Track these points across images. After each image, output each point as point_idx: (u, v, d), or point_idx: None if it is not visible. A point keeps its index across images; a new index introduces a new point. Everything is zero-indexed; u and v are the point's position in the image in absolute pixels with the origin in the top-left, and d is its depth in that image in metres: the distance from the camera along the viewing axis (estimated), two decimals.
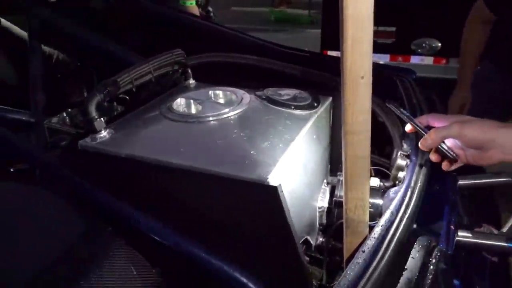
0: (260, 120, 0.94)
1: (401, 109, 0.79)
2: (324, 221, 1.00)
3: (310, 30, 6.36)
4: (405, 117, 0.78)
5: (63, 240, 0.83)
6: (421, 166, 0.82)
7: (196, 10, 2.29)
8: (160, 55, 1.10)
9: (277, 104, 1.00)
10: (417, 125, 0.76)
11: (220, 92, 1.07)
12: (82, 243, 0.84)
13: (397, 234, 0.65)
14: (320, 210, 0.99)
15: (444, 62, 3.12)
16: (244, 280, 0.80)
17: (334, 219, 0.95)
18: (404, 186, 0.77)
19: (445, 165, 0.77)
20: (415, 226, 0.73)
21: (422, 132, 0.75)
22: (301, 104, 1.00)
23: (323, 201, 0.99)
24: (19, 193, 0.92)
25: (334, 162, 1.14)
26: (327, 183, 1.05)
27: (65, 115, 1.16)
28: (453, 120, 0.73)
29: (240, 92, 1.07)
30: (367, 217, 0.70)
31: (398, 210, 0.70)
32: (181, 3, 2.17)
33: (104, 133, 0.91)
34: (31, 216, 0.87)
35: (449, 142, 0.75)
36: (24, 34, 1.59)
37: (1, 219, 0.84)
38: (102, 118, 0.91)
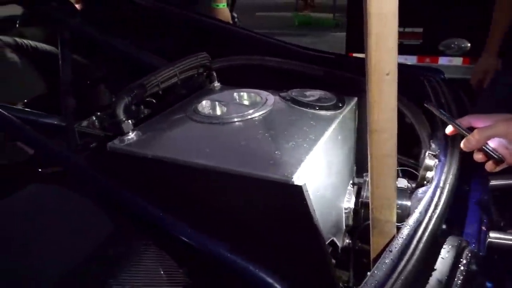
0: (284, 121, 0.94)
1: (441, 110, 0.78)
2: (351, 222, 0.98)
3: (335, 33, 6.32)
4: (445, 118, 0.77)
5: (92, 240, 0.85)
6: (450, 166, 0.80)
7: (227, 13, 2.29)
8: (185, 59, 1.12)
9: (302, 105, 1.00)
10: (459, 126, 0.75)
11: (244, 94, 1.08)
12: (110, 243, 0.86)
13: (426, 234, 0.64)
14: (346, 211, 0.98)
15: (474, 63, 3.04)
16: (270, 280, 0.80)
17: (361, 220, 0.94)
18: (433, 185, 0.75)
19: (489, 166, 0.75)
20: (444, 226, 0.71)
21: (465, 133, 0.74)
22: (325, 104, 1.00)
23: (349, 202, 0.98)
24: (50, 194, 0.95)
25: (360, 163, 1.13)
26: (353, 184, 1.04)
27: (94, 118, 1.19)
28: (497, 119, 0.71)
29: (264, 93, 1.07)
30: (394, 217, 0.69)
31: (427, 210, 0.69)
32: (213, 5, 2.18)
33: (131, 135, 0.93)
34: (62, 217, 0.89)
35: (492, 143, 0.73)
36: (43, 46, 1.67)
37: (33, 219, 0.87)
38: (129, 120, 0.93)
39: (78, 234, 0.86)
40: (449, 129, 0.78)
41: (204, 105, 1.05)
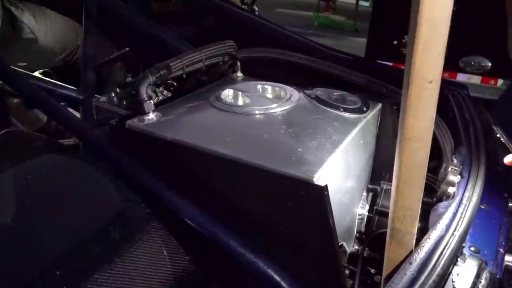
0: (308, 119, 0.92)
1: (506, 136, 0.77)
2: (363, 229, 0.97)
3: (353, 38, 6.28)
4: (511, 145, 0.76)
5: (102, 217, 0.84)
6: (475, 184, 0.79)
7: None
8: (212, 45, 1.11)
9: (326, 104, 0.98)
10: None
11: (269, 87, 1.07)
12: (119, 221, 0.84)
13: (448, 251, 0.62)
14: (359, 217, 0.96)
15: (493, 83, 3.00)
16: (277, 278, 0.79)
17: (373, 228, 0.92)
18: (456, 202, 0.73)
19: None
20: (463, 244, 0.70)
21: None
22: (350, 107, 0.98)
23: (363, 209, 0.96)
24: (63, 166, 0.94)
25: (375, 170, 1.11)
26: (368, 190, 1.02)
27: (113, 95, 1.17)
28: None
29: (289, 88, 1.05)
30: (415, 229, 0.67)
31: (449, 226, 0.67)
32: None
33: (152, 116, 0.91)
34: (72, 190, 0.88)
35: None
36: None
37: (41, 191, 0.85)
38: (151, 100, 0.91)
39: (87, 208, 0.85)
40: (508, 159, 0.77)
41: (227, 94, 1.03)
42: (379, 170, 1.09)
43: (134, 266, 0.75)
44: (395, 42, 3.02)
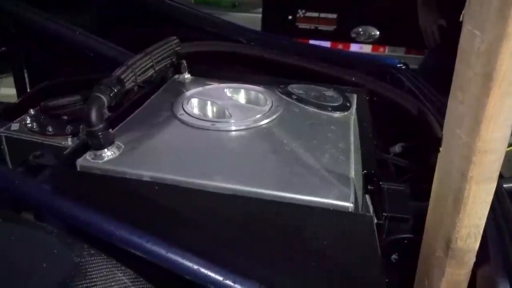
0: (303, 126, 0.79)
1: None
2: None
3: (233, 14, 6.18)
4: None
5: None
6: None
7: None
8: (158, 46, 0.89)
9: (312, 105, 0.86)
10: None
11: (241, 91, 0.90)
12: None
13: None
14: None
15: (382, 50, 3.20)
16: None
17: (383, 236, 0.85)
18: None
19: None
20: None
21: None
22: (336, 105, 0.88)
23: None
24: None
25: None
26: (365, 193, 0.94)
27: (28, 119, 0.89)
28: None
29: (261, 89, 0.90)
30: (477, 246, 0.61)
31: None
32: None
33: (111, 148, 0.69)
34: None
35: None
36: None
37: None
38: (110, 130, 0.69)
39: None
40: None
41: (196, 105, 0.84)
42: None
43: None
44: (290, 17, 3.02)
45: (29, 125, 0.89)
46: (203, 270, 0.57)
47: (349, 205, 0.60)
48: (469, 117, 0.52)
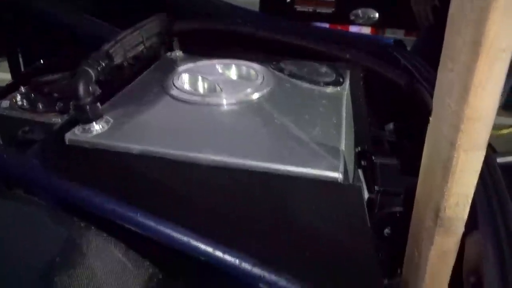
0: (295, 101, 0.79)
1: None
2: None
3: None
4: None
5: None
6: None
7: None
8: (147, 21, 0.88)
9: (304, 79, 0.86)
10: None
11: (232, 66, 0.89)
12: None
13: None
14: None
15: (382, 33, 3.17)
16: None
17: (375, 210, 0.85)
18: None
19: None
20: None
21: None
22: (328, 80, 0.87)
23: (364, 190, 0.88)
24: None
25: None
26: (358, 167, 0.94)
27: (18, 96, 0.88)
28: None
29: (253, 65, 0.89)
30: (466, 215, 0.60)
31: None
32: None
33: (100, 122, 0.69)
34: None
35: None
36: None
37: None
38: (98, 104, 0.69)
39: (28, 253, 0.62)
40: None
41: (184, 79, 0.83)
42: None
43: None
44: (288, 0, 2.99)
45: (20, 102, 0.88)
46: (193, 242, 0.57)
47: (337, 175, 0.60)
48: (459, 85, 0.51)
